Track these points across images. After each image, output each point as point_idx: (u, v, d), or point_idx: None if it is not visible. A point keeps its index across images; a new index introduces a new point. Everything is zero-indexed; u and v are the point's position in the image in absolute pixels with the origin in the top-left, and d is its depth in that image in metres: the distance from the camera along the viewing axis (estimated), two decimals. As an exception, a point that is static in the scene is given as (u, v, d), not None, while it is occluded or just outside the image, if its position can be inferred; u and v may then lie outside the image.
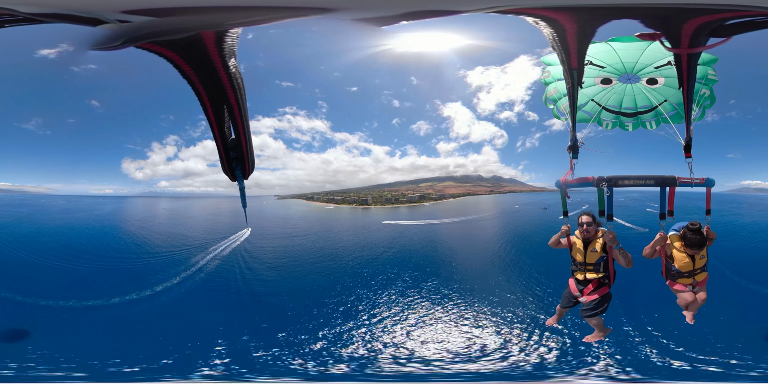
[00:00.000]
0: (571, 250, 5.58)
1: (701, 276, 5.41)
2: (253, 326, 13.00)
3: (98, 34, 2.96)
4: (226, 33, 2.99)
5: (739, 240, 19.55)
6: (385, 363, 11.54)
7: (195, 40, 2.93)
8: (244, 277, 17.08)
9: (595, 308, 5.48)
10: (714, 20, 3.18)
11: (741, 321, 12.13)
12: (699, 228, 5.06)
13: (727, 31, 3.29)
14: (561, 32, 3.30)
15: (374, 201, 28.53)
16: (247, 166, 3.80)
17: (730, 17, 3.17)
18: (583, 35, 3.34)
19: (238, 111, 3.40)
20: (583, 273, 5.52)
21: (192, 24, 2.90)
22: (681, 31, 3.27)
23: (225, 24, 2.96)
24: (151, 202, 27.41)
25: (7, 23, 3.07)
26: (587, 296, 5.49)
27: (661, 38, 3.45)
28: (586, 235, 5.43)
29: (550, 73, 5.84)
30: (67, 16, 2.91)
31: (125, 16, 2.88)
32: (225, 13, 2.98)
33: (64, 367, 10.77)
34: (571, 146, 5.40)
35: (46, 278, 15.98)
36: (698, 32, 3.28)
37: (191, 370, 11.10)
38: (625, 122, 5.79)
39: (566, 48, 3.55)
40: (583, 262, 5.49)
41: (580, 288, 5.56)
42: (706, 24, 3.21)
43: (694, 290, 5.45)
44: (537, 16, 3.18)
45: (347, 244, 21.30)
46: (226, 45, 3.03)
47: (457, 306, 14.45)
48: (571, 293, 5.66)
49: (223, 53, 3.04)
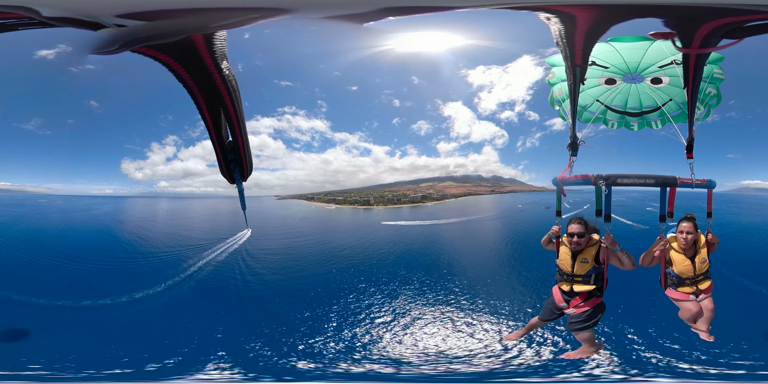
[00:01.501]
0: (557, 258, 5.06)
1: (704, 284, 4.94)
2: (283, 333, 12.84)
3: (98, 39, 3.01)
4: (213, 36, 3.02)
5: (739, 239, 19.54)
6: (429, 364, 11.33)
7: (186, 44, 2.96)
8: (245, 279, 16.99)
9: (586, 320, 4.91)
10: (734, 22, 3.12)
11: (741, 320, 12.06)
12: (693, 217, 4.88)
13: (741, 33, 3.22)
14: (571, 29, 3.26)
15: (376, 201, 28.41)
16: (245, 168, 3.81)
17: (751, 19, 3.11)
18: (593, 32, 3.30)
19: (234, 113, 3.42)
20: (570, 284, 4.96)
21: (179, 27, 2.94)
22: (696, 31, 3.21)
23: (209, 27, 3.00)
24: (150, 203, 27.38)
25: (20, 26, 3.11)
26: (576, 308, 4.94)
27: (673, 38, 3.37)
28: (576, 248, 4.91)
29: (555, 74, 5.80)
30: (72, 20, 2.94)
31: (121, 21, 2.89)
32: (207, 14, 3.06)
33: (57, 366, 10.71)
34: (570, 144, 5.30)
35: (40, 277, 15.96)
36: (713, 33, 3.23)
37: (193, 369, 11.02)
38: (631, 122, 5.75)
39: (572, 45, 3.52)
40: (571, 273, 4.94)
41: (567, 299, 5.00)
42: (724, 25, 3.14)
43: (698, 299, 4.86)
44: (551, 11, 3.13)
45: (357, 247, 21.04)
46: (216, 48, 3.06)
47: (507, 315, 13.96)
48: (555, 304, 5.10)
49: (214, 56, 3.07)
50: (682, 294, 4.92)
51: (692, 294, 4.91)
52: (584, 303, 4.93)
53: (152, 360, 11.17)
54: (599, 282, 4.97)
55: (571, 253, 4.96)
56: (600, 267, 4.93)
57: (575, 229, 4.93)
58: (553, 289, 5.20)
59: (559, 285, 5.09)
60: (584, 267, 4.90)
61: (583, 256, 4.92)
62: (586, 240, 4.94)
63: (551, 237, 5.12)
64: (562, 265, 5.03)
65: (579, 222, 4.98)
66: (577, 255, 4.93)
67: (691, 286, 4.90)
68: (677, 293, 4.94)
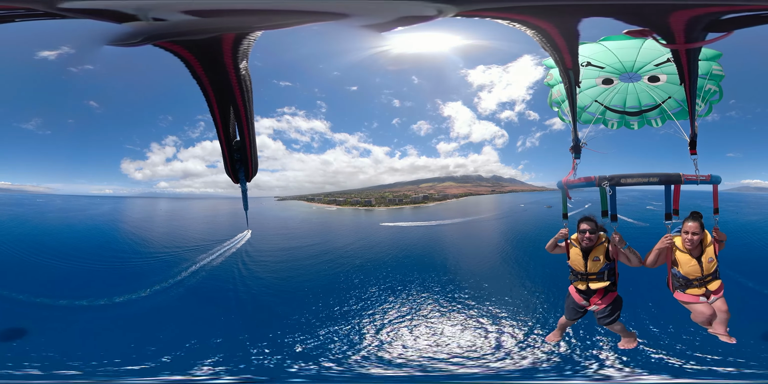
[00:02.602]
0: (568, 259, 5.15)
1: (714, 284, 4.70)
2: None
3: (117, 31, 3.00)
4: (246, 36, 3.03)
5: (740, 238, 19.57)
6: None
7: (213, 42, 2.98)
8: (245, 283, 16.72)
9: (611, 314, 5.07)
10: (704, 14, 3.07)
11: (742, 320, 12.00)
12: (700, 216, 4.69)
13: (726, 26, 3.18)
14: (544, 33, 3.24)
15: (378, 202, 28.19)
16: (250, 168, 3.81)
17: (725, 11, 3.06)
18: (567, 34, 3.26)
19: (244, 113, 3.42)
20: (585, 283, 5.08)
21: (217, 26, 2.96)
22: (669, 26, 3.16)
23: (248, 27, 3.01)
24: (150, 203, 27.32)
25: (28, 17, 3.11)
26: (597, 304, 5.05)
27: (652, 35, 3.32)
28: (587, 244, 5.00)
29: (552, 76, 5.80)
30: (96, 11, 2.93)
31: (164, 15, 2.93)
32: (248, 16, 3.03)
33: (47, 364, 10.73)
34: (573, 146, 5.33)
35: (33, 276, 15.92)
36: (691, 27, 3.16)
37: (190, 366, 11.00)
38: (630, 121, 5.74)
39: (557, 48, 3.50)
40: (585, 272, 5.05)
41: (586, 297, 5.13)
42: (696, 18, 3.08)
43: (709, 301, 4.68)
44: (506, 19, 3.11)
45: (364, 250, 20.55)
46: (241, 48, 3.07)
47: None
48: (576, 303, 5.20)
49: (236, 56, 3.09)
50: (691, 296, 4.72)
51: (702, 296, 4.70)
52: (603, 299, 5.05)
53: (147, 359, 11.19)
54: (612, 277, 5.07)
55: (582, 253, 5.04)
56: (611, 263, 5.03)
57: (586, 227, 5.01)
58: (570, 289, 5.27)
59: (575, 285, 5.18)
60: (597, 265, 4.99)
61: (594, 254, 4.99)
62: (596, 237, 5.02)
63: (558, 240, 5.18)
64: (574, 265, 5.11)
65: (589, 219, 5.06)
66: (589, 254, 5.02)
67: (700, 287, 4.69)
68: (686, 296, 4.74)
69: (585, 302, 5.13)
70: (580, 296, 5.17)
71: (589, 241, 5.00)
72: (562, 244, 5.21)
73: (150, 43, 2.97)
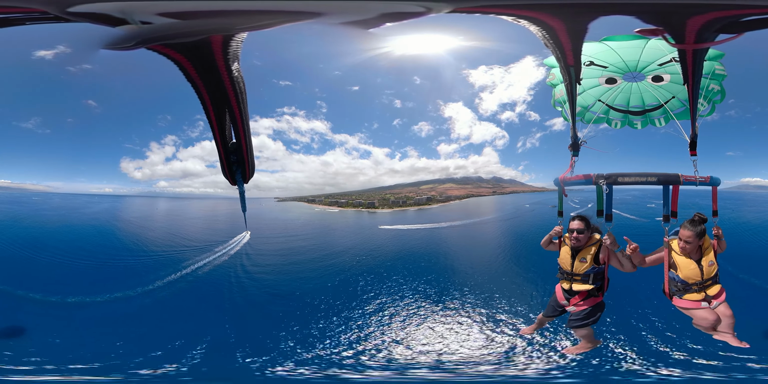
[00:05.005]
0: (559, 256, 5.08)
1: (713, 289, 4.48)
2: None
3: (112, 35, 3.00)
4: (233, 37, 3.03)
5: (740, 237, 19.58)
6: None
7: (203, 44, 2.99)
8: (241, 285, 16.32)
9: (585, 318, 4.93)
10: (724, 17, 3.03)
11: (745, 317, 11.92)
12: (701, 221, 4.47)
13: (740, 28, 3.14)
14: (550, 30, 3.19)
15: (381, 204, 27.88)
16: (247, 170, 3.81)
17: (745, 14, 3.02)
18: (574, 32, 3.21)
19: (239, 114, 3.43)
20: (569, 282, 4.98)
21: (204, 28, 2.97)
22: (685, 27, 3.10)
23: (233, 28, 3.01)
24: (148, 202, 27.23)
25: (28, 21, 3.10)
26: (575, 306, 4.96)
27: (663, 34, 3.25)
28: (576, 244, 4.91)
29: (555, 76, 5.76)
30: (95, 15, 2.92)
31: (150, 18, 2.93)
32: (233, 17, 3.02)
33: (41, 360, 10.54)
34: (572, 144, 5.27)
35: (27, 272, 15.81)
36: (706, 28, 3.11)
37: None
38: (634, 121, 5.71)
39: (560, 46, 3.44)
40: (570, 272, 4.96)
41: (567, 297, 5.04)
42: (715, 20, 3.05)
43: (711, 306, 4.45)
44: (515, 15, 3.06)
45: (373, 256, 19.30)
46: (231, 49, 3.07)
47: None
48: (557, 301, 5.13)
49: (227, 57, 3.09)
50: (691, 302, 4.50)
51: (702, 301, 4.48)
52: (583, 301, 4.93)
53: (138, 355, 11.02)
54: (599, 282, 4.92)
55: (571, 251, 4.95)
56: (599, 267, 4.87)
57: (575, 226, 4.93)
58: (556, 286, 5.19)
59: (561, 283, 5.10)
60: (582, 266, 4.87)
61: (581, 255, 4.87)
62: (586, 237, 4.91)
63: (552, 237, 5.11)
64: (562, 263, 5.04)
65: (581, 218, 4.97)
66: (577, 254, 4.91)
67: (699, 292, 4.48)
68: (685, 301, 4.52)
69: (565, 302, 5.04)
70: (562, 295, 5.09)
71: (577, 241, 4.90)
72: (556, 241, 5.15)
73: (143, 46, 2.97)
